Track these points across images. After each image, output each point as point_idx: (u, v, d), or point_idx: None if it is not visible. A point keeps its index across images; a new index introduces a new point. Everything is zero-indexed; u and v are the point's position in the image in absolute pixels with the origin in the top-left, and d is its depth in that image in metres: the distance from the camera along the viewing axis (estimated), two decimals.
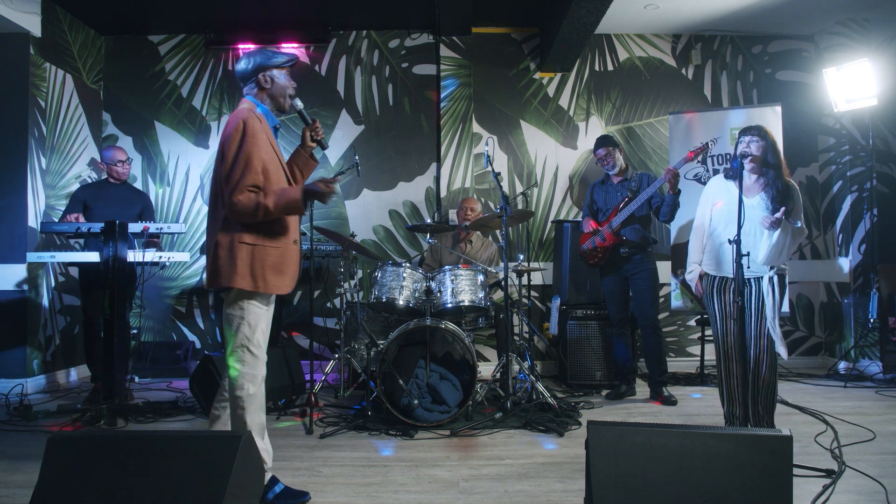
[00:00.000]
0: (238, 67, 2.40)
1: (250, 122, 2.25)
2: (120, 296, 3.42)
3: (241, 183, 2.20)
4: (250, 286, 2.25)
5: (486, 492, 2.45)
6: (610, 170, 4.16)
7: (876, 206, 4.94)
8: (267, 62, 2.37)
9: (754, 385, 2.88)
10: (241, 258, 2.23)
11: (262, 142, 2.27)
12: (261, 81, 2.37)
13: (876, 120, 4.96)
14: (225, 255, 2.24)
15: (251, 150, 2.22)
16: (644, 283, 4.04)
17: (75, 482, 1.86)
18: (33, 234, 4.50)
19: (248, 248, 2.25)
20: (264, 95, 2.40)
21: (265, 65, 2.37)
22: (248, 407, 2.27)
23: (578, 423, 3.41)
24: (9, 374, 4.37)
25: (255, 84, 2.38)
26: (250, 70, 2.37)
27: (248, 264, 2.24)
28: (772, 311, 2.81)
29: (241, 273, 2.23)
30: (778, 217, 2.73)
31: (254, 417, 2.29)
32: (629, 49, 5.45)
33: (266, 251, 2.28)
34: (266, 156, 2.28)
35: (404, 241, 5.34)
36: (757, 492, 1.75)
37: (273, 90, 2.40)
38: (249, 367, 2.28)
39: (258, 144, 2.25)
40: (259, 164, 2.24)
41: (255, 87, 2.39)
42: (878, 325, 4.76)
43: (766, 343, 2.84)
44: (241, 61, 2.39)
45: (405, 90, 5.41)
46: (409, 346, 3.61)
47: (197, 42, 5.43)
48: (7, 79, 4.51)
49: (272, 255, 2.30)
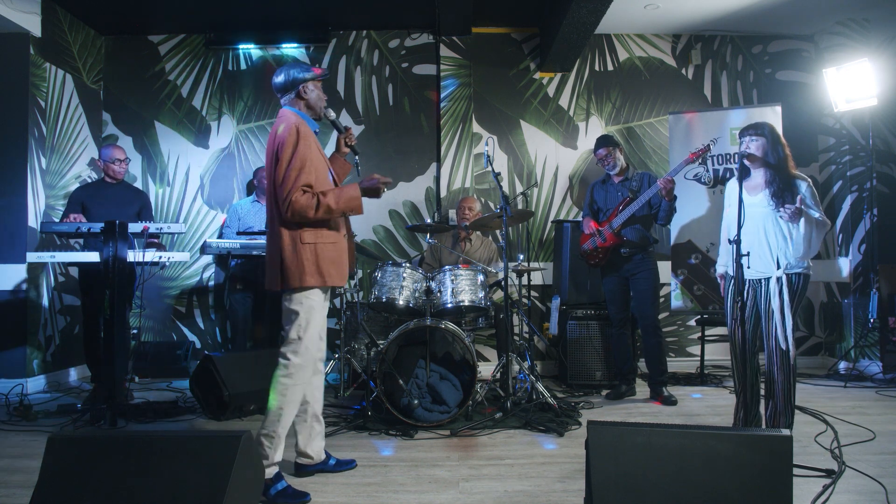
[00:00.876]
0: (276, 80, 2.59)
1: (302, 128, 2.46)
2: (120, 296, 3.42)
3: (297, 183, 2.38)
4: (318, 282, 2.46)
5: (486, 492, 2.45)
6: (610, 170, 4.16)
7: (876, 206, 4.94)
8: (303, 75, 2.57)
9: (768, 387, 2.87)
10: (307, 258, 2.44)
11: (312, 146, 2.48)
12: (300, 92, 2.57)
13: (876, 120, 4.96)
14: (290, 258, 2.43)
15: (305, 153, 2.42)
16: (644, 282, 4.04)
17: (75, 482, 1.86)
18: (33, 234, 4.50)
19: (311, 247, 2.45)
20: (302, 105, 2.60)
21: (302, 78, 2.57)
22: (288, 395, 2.45)
23: (578, 423, 3.41)
24: (9, 374, 4.37)
25: (294, 94, 2.58)
26: (289, 82, 2.57)
27: (314, 262, 2.45)
28: (779, 313, 2.80)
29: (309, 271, 2.44)
30: (797, 207, 2.70)
31: (290, 408, 2.47)
32: (629, 49, 5.45)
33: (325, 248, 2.49)
34: (315, 158, 2.48)
35: (404, 241, 5.35)
36: (757, 492, 1.75)
37: (310, 100, 2.60)
38: (301, 359, 2.47)
39: (311, 147, 2.46)
40: (311, 166, 2.44)
41: (294, 97, 2.58)
42: (878, 325, 4.76)
43: (774, 344, 2.84)
44: (279, 74, 2.58)
45: (405, 90, 5.41)
46: (409, 346, 3.61)
47: (197, 42, 5.43)
48: (7, 79, 4.51)
49: (330, 251, 2.51)
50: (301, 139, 2.42)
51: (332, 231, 2.53)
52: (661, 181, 3.75)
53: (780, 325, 2.81)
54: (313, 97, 2.60)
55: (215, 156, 5.39)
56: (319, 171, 2.49)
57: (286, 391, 2.44)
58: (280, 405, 2.43)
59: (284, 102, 2.60)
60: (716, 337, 4.89)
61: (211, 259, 5.25)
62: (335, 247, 2.53)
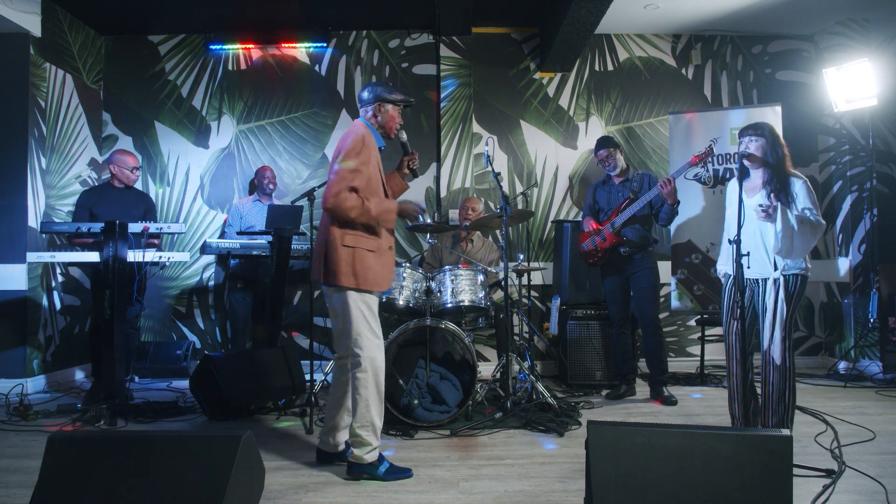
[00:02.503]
0: (362, 94, 2.81)
1: (368, 138, 2.66)
2: (120, 296, 3.42)
3: (348, 182, 2.56)
4: (352, 284, 2.61)
5: (486, 492, 2.45)
6: (611, 171, 4.16)
7: (876, 206, 4.94)
8: (385, 95, 2.78)
9: (764, 388, 2.87)
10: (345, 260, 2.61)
11: (372, 156, 2.67)
12: (377, 109, 2.78)
13: (876, 120, 4.96)
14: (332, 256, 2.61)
15: (365, 160, 2.61)
16: (645, 282, 4.04)
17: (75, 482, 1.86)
18: (33, 234, 4.50)
19: (350, 251, 2.62)
20: (376, 122, 2.80)
21: (384, 98, 2.78)
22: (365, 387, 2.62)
23: (578, 423, 3.41)
24: (9, 374, 4.37)
25: (371, 110, 2.79)
26: (371, 98, 2.78)
27: (351, 265, 2.61)
28: (771, 314, 2.80)
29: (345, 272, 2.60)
30: (769, 206, 2.71)
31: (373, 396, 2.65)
32: (629, 49, 5.45)
33: (363, 254, 2.64)
34: (372, 169, 2.66)
35: (404, 241, 5.34)
36: (757, 492, 1.76)
37: (383, 119, 2.79)
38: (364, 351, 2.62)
39: (371, 156, 2.65)
40: (366, 172, 2.62)
41: (371, 113, 2.79)
42: (878, 325, 4.76)
43: (767, 345, 2.84)
44: (364, 89, 2.81)
45: (405, 90, 5.41)
46: (409, 346, 3.61)
47: (197, 42, 5.43)
48: (7, 79, 4.51)
49: (368, 258, 2.66)
50: (365, 146, 2.61)
51: (371, 238, 2.66)
52: (661, 182, 3.75)
53: (770, 327, 2.81)
54: (386, 117, 2.79)
55: (215, 156, 5.39)
56: (373, 181, 2.66)
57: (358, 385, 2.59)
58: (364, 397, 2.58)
59: (362, 115, 2.81)
60: (716, 337, 4.89)
61: (212, 259, 5.25)
62: (374, 255, 2.66)
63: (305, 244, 4.39)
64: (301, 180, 5.34)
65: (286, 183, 5.33)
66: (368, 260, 2.63)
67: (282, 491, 2.46)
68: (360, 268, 2.60)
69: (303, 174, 5.36)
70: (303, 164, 5.37)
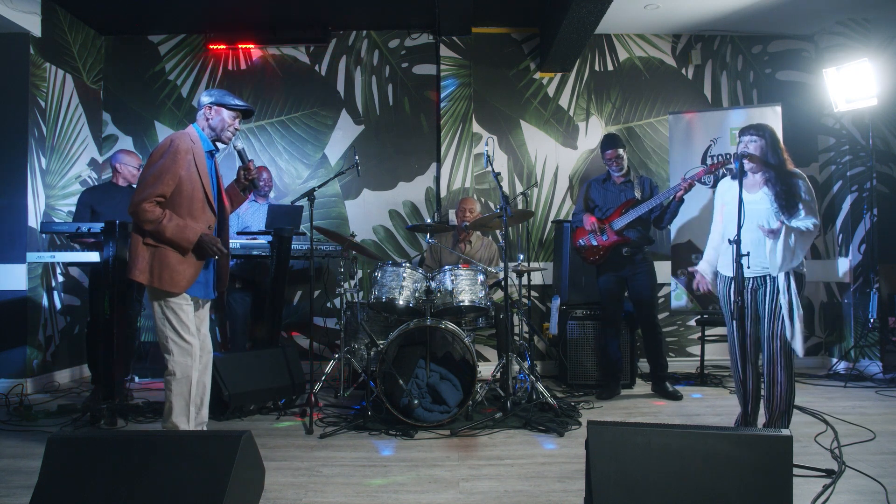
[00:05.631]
0: (199, 98, 2.78)
1: (181, 143, 2.61)
2: (120, 296, 3.42)
3: (148, 189, 2.54)
4: (145, 280, 2.61)
5: (486, 492, 2.45)
6: (617, 171, 4.17)
7: (876, 206, 4.94)
8: (221, 100, 2.73)
9: (769, 388, 2.87)
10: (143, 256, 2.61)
11: (188, 161, 2.61)
12: (206, 111, 2.73)
13: (876, 120, 4.96)
14: (133, 251, 2.63)
15: (168, 165, 2.56)
16: (644, 281, 4.07)
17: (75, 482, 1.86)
18: (33, 234, 4.50)
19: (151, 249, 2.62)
20: (207, 125, 2.75)
21: (219, 102, 2.73)
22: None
23: (578, 423, 3.41)
24: (9, 374, 4.37)
25: (203, 113, 2.74)
26: (207, 102, 2.73)
27: (148, 262, 2.61)
28: (787, 310, 2.78)
29: (141, 268, 2.61)
30: (775, 228, 2.74)
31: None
32: (629, 49, 5.45)
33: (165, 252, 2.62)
34: (188, 174, 2.61)
35: (404, 241, 5.34)
36: (757, 492, 1.76)
37: (215, 123, 2.74)
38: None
39: (184, 161, 2.60)
40: (171, 177, 2.57)
41: (202, 115, 2.75)
42: (878, 325, 4.76)
43: (779, 344, 2.81)
44: (203, 94, 2.77)
45: (405, 90, 5.41)
46: (409, 346, 3.61)
47: (197, 42, 5.43)
48: (7, 79, 4.51)
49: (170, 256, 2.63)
50: (172, 153, 2.56)
51: None
52: (683, 180, 3.76)
53: (789, 323, 2.78)
54: (218, 121, 2.73)
55: None
56: (186, 186, 2.60)
57: (166, 387, 2.63)
58: (169, 400, 2.61)
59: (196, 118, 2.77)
60: (716, 337, 4.89)
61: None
62: (176, 255, 2.60)
63: (305, 244, 4.39)
64: (301, 180, 5.34)
65: (286, 183, 5.33)
66: (169, 259, 2.59)
67: (282, 491, 2.46)
68: (158, 266, 2.57)
69: (303, 174, 5.36)
70: (303, 164, 5.37)
